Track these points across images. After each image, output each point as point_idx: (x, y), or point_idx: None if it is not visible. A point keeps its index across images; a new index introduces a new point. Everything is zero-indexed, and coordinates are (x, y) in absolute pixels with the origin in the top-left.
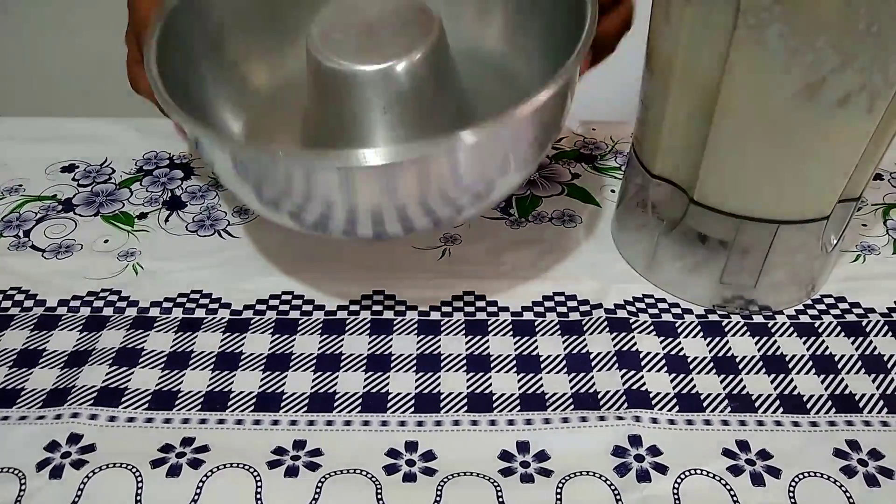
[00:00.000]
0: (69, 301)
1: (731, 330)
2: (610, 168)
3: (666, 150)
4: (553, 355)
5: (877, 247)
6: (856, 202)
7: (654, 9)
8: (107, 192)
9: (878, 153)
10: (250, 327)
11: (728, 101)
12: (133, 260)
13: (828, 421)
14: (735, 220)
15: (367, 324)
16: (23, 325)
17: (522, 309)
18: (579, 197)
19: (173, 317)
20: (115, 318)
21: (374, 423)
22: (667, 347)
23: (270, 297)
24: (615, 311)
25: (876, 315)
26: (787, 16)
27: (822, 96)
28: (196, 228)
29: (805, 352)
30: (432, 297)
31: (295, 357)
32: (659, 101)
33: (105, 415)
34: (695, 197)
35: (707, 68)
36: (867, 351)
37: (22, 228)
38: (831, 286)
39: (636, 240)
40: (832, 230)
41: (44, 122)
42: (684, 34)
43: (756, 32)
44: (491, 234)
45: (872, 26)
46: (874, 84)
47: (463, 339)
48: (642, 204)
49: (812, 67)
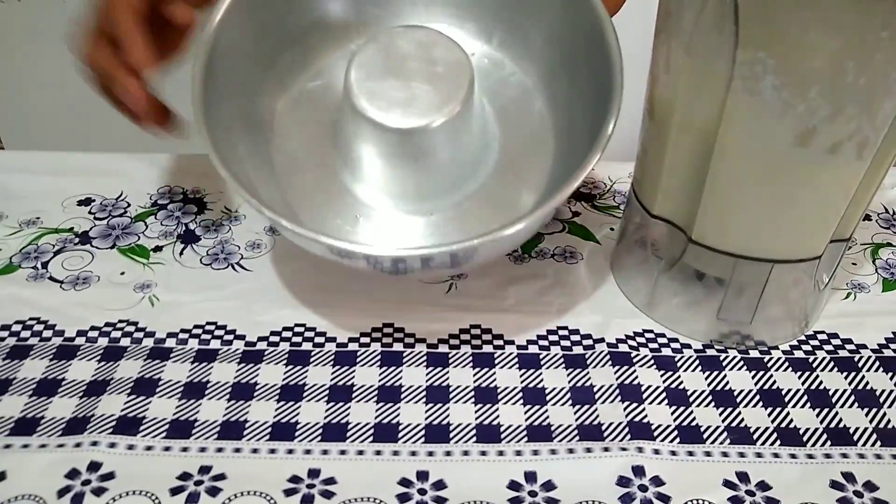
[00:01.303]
0: (87, 331)
1: (728, 364)
2: (609, 207)
3: (665, 191)
4: (558, 388)
5: (867, 285)
6: (846, 242)
7: (654, 57)
8: (123, 226)
9: (867, 196)
10: (264, 358)
11: (725, 145)
12: (149, 292)
13: (824, 453)
14: (732, 259)
15: (378, 356)
16: (42, 355)
17: (528, 343)
18: (580, 234)
19: (189, 347)
20: (133, 349)
21: (386, 453)
22: (667, 381)
23: (283, 329)
24: (617, 346)
25: (867, 351)
26: (780, 69)
27: (814, 144)
28: (210, 262)
29: (800, 386)
30: (440, 330)
31: (308, 388)
32: (658, 144)
33: (124, 443)
34: (693, 236)
35: (705, 115)
36: (860, 385)
37: (40, 260)
38: (824, 322)
39: (636, 276)
40: (824, 269)
41: (60, 156)
42: (683, 83)
43: (751, 84)
44: (496, 270)
45: (860, 79)
46: (863, 133)
47: (471, 371)
48: (641, 242)
49: (804, 117)
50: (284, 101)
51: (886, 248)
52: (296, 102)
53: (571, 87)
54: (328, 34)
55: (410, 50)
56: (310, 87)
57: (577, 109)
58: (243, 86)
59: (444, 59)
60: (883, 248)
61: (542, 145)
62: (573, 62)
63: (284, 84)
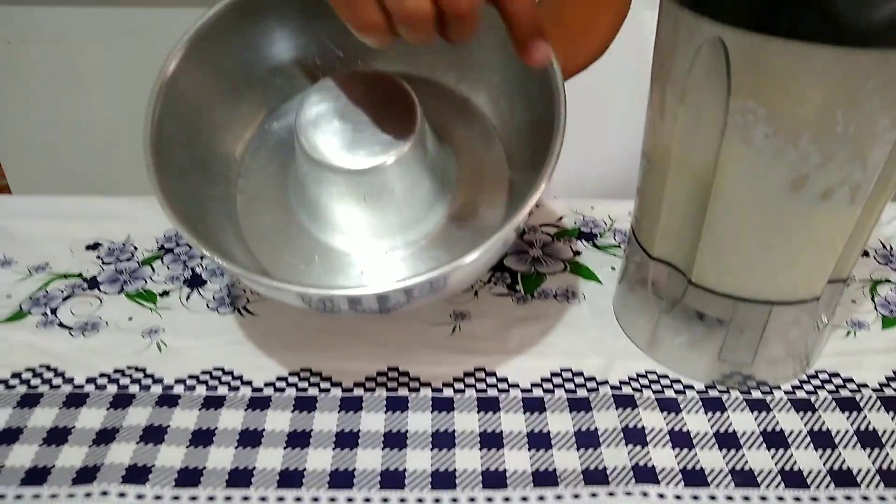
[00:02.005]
0: (96, 379)
1: (731, 405)
2: (609, 246)
3: (664, 234)
4: (563, 431)
5: (866, 322)
6: (844, 282)
7: (650, 103)
8: (130, 270)
9: (862, 238)
10: (271, 404)
11: (721, 190)
12: (157, 337)
13: (828, 496)
14: (731, 301)
15: (383, 401)
16: (52, 403)
17: (532, 386)
18: (581, 274)
19: (197, 394)
20: (141, 396)
21: (393, 500)
22: (671, 423)
23: (290, 374)
24: (620, 388)
25: (868, 390)
26: (771, 118)
27: (807, 190)
28: (216, 306)
29: (803, 427)
30: (445, 373)
31: (315, 434)
32: (656, 188)
33: (133, 492)
34: (692, 279)
35: (700, 160)
36: (862, 426)
37: (49, 306)
38: (825, 361)
39: (637, 316)
40: (823, 309)
41: (66, 201)
42: (678, 130)
43: (744, 132)
44: (498, 311)
45: (849, 128)
46: (854, 179)
47: (476, 415)
48: (642, 281)
49: (796, 164)
50: (248, 142)
51: (885, 285)
52: (260, 142)
53: (528, 125)
54: (292, 76)
55: (359, 91)
56: (274, 128)
57: (533, 146)
58: (204, 128)
59: (393, 99)
60: (881, 284)
61: (499, 183)
62: (528, 99)
63: (248, 124)
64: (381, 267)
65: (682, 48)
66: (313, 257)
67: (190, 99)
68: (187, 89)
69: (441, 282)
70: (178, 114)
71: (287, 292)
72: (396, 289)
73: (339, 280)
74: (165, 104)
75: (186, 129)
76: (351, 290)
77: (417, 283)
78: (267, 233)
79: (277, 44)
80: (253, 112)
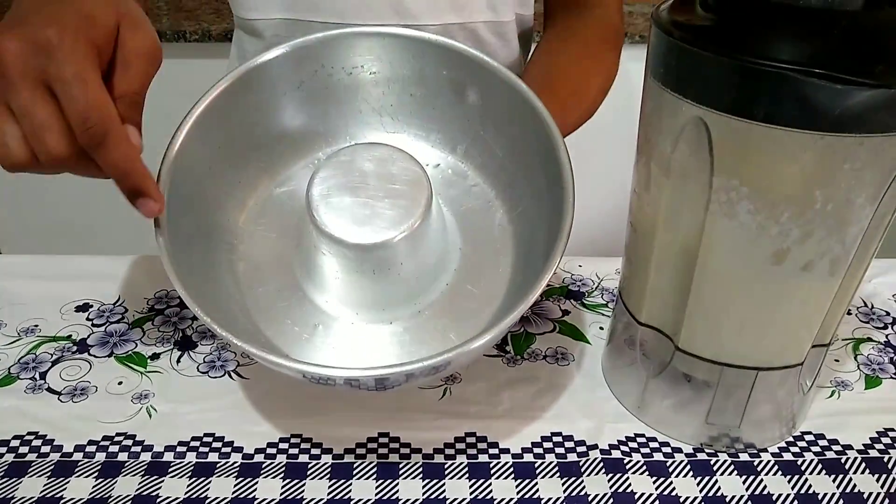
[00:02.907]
0: (85, 446)
1: (719, 469)
2: (597, 305)
3: (650, 301)
4: (553, 497)
5: (849, 382)
6: (827, 347)
7: (635, 175)
8: (120, 332)
9: (843, 305)
10: (262, 472)
11: (706, 261)
12: (147, 402)
13: None
14: (718, 366)
15: (374, 468)
16: (40, 472)
17: (522, 450)
18: (570, 334)
19: (187, 461)
20: (130, 464)
21: None
22: (659, 487)
23: (280, 441)
24: (610, 452)
25: (853, 452)
26: (753, 195)
27: (789, 263)
28: (207, 369)
29: (790, 490)
30: (436, 438)
31: (306, 502)
32: (643, 256)
33: None
34: (679, 344)
35: (685, 232)
36: (847, 489)
37: (38, 370)
38: (810, 423)
39: (626, 378)
40: (808, 372)
41: (57, 260)
42: (663, 202)
43: (727, 207)
44: (490, 373)
45: (827, 206)
46: (833, 252)
47: (467, 483)
48: (630, 342)
49: (777, 239)
50: (250, 209)
51: (867, 343)
52: (262, 209)
53: (531, 199)
54: (295, 144)
55: (370, 166)
56: (276, 194)
57: (536, 220)
58: (209, 196)
59: (403, 175)
60: (863, 343)
61: (502, 255)
62: (532, 175)
63: (251, 191)
64: (384, 337)
65: (666, 126)
66: (317, 326)
67: (196, 169)
68: (194, 161)
69: (444, 365)
70: (185, 183)
71: (288, 368)
72: (397, 372)
73: (342, 350)
74: (174, 177)
75: (192, 197)
76: (350, 370)
77: (419, 368)
78: (271, 299)
79: (282, 112)
80: (257, 178)
